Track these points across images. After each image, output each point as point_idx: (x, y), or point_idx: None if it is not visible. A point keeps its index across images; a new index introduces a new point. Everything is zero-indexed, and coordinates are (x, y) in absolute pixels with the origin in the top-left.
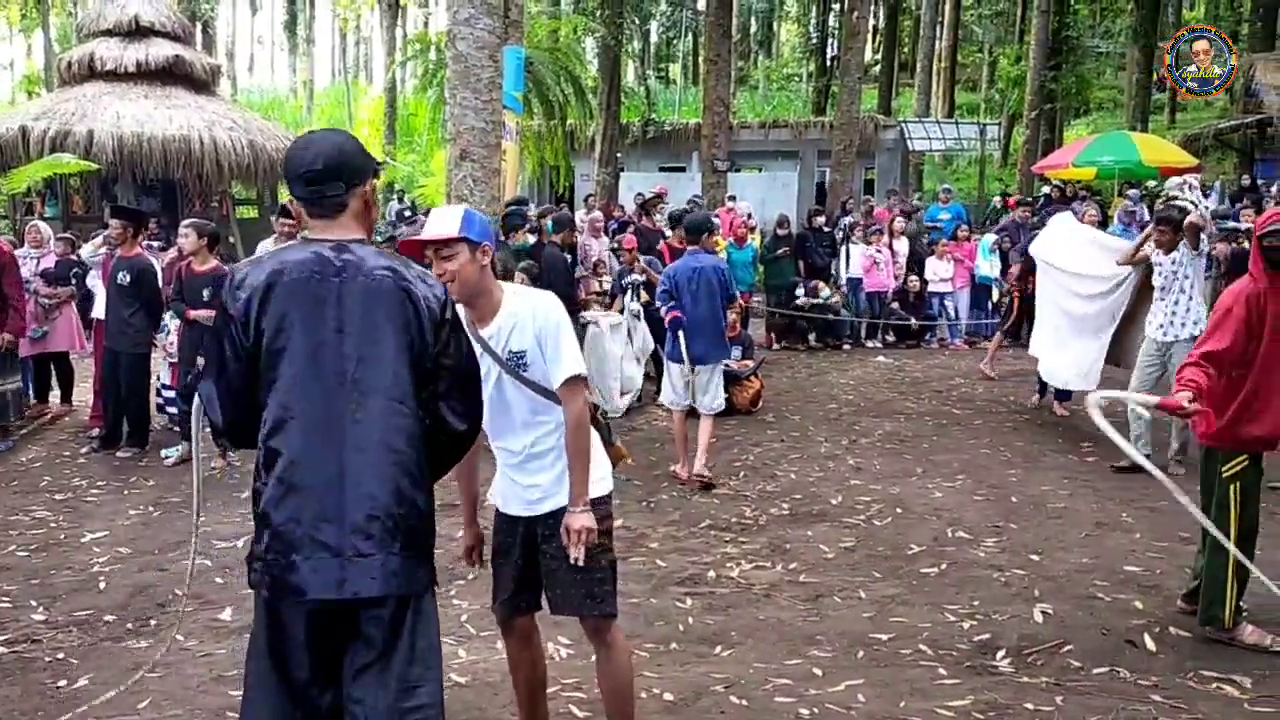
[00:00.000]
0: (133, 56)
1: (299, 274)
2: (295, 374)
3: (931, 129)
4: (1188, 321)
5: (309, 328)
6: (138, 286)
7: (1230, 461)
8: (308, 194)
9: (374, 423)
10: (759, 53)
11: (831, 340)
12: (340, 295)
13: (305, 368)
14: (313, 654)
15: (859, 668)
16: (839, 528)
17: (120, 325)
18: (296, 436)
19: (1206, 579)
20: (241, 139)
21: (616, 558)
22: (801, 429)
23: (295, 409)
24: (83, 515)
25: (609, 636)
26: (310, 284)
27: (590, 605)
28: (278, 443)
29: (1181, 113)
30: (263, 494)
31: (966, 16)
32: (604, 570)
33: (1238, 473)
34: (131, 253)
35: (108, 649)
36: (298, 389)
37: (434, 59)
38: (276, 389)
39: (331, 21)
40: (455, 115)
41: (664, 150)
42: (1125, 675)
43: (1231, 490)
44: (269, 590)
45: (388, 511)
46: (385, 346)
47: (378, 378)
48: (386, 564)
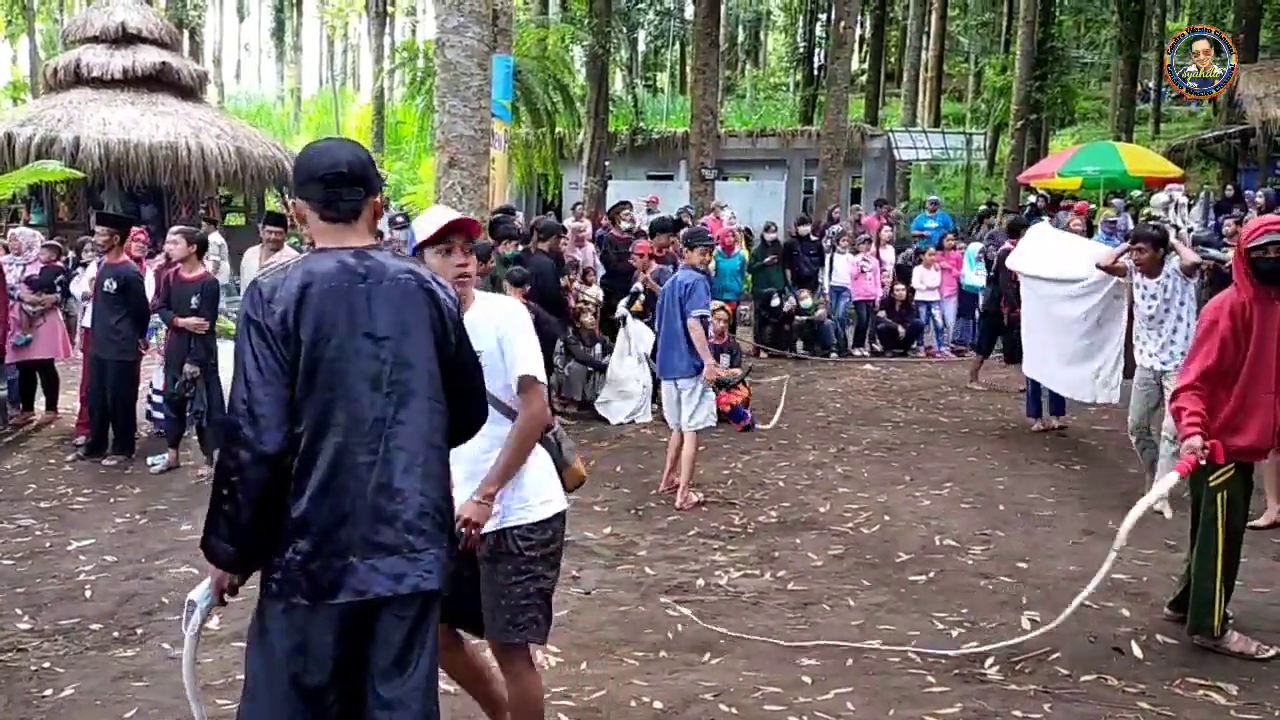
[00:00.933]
0: (119, 63)
1: (329, 282)
2: (335, 380)
3: (918, 138)
4: (1178, 348)
5: (345, 334)
6: (124, 294)
7: (1216, 471)
8: (326, 196)
9: (416, 422)
10: (746, 62)
11: (819, 349)
12: (370, 300)
13: (345, 374)
14: (336, 660)
15: (848, 676)
16: (827, 536)
17: (107, 333)
18: (339, 441)
19: (1195, 588)
20: (229, 146)
21: (551, 587)
22: (789, 437)
23: (337, 415)
24: (69, 523)
25: (517, 667)
26: (341, 291)
27: (511, 632)
28: (317, 449)
29: (1166, 123)
30: (297, 502)
31: (952, 27)
32: (531, 597)
33: (1224, 482)
34: (118, 260)
35: (94, 658)
36: (339, 395)
37: (422, 67)
38: (314, 397)
39: (319, 29)
40: (444, 123)
41: (652, 159)
42: (1112, 682)
43: (1219, 499)
44: (309, 595)
45: (437, 507)
46: (419, 347)
47: (416, 379)
48: (439, 558)
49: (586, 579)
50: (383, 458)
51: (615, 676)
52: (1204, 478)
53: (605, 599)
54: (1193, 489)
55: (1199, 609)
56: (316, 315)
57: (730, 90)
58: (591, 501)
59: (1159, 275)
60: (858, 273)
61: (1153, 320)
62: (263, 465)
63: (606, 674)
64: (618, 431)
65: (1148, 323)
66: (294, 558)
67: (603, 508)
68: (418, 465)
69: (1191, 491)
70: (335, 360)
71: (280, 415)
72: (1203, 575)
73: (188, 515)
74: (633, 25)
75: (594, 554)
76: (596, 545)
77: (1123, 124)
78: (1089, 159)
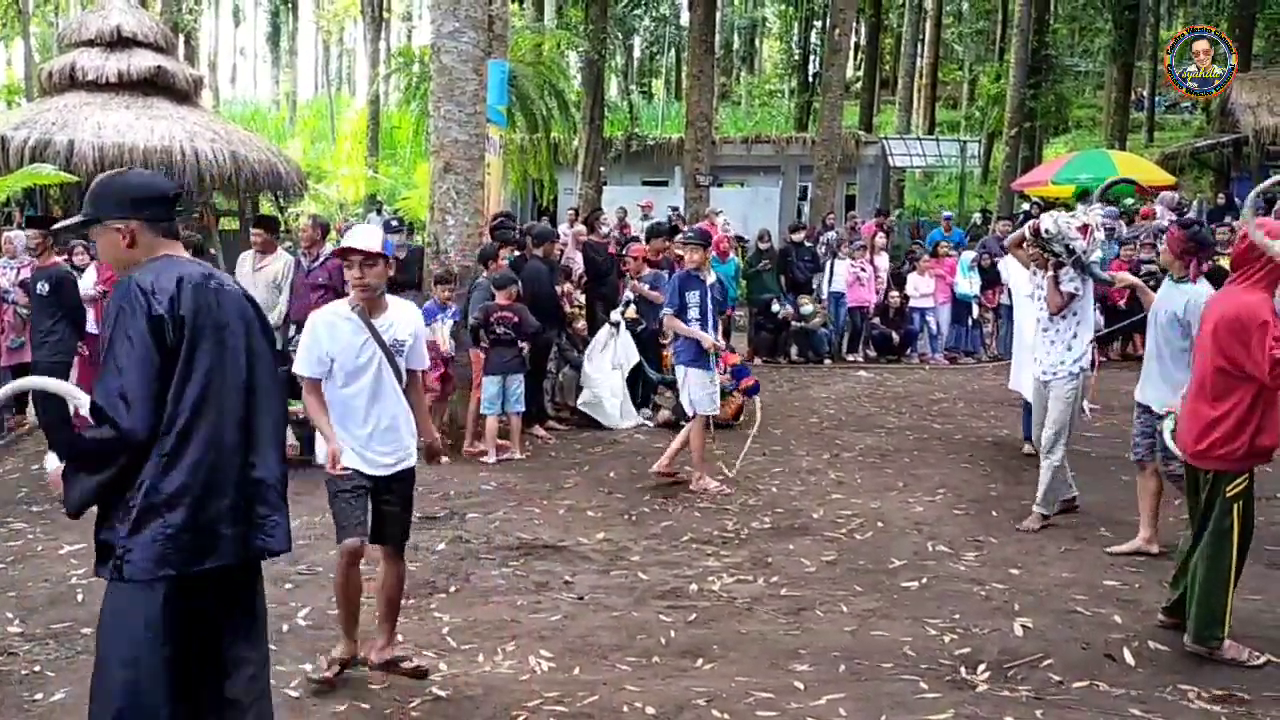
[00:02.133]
0: (114, 67)
1: (194, 280)
2: (211, 365)
3: (912, 145)
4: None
5: (214, 325)
6: (57, 295)
7: (1236, 480)
8: (169, 214)
9: (268, 405)
10: (741, 68)
11: (813, 354)
12: (219, 298)
13: (219, 359)
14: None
15: (840, 681)
16: (820, 541)
17: (42, 335)
18: (214, 420)
19: (1203, 599)
20: (224, 150)
21: None
22: (783, 443)
23: (211, 397)
24: (61, 527)
25: (401, 558)
26: (205, 289)
27: (403, 538)
28: (193, 427)
29: (1159, 131)
30: (170, 476)
31: (947, 34)
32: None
33: (1240, 491)
34: (49, 262)
35: (85, 662)
36: (215, 379)
37: (417, 72)
38: (193, 380)
39: (314, 34)
40: (439, 128)
41: (647, 164)
42: (1105, 689)
43: (1235, 509)
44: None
45: (280, 479)
46: (261, 342)
47: (262, 367)
48: (283, 523)
49: (580, 584)
50: (247, 435)
51: (608, 682)
52: (1220, 487)
53: (598, 604)
54: (1208, 500)
55: (1207, 620)
56: (193, 305)
57: (725, 96)
58: (585, 507)
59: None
60: (854, 280)
61: (1039, 323)
62: (127, 447)
63: (599, 679)
64: (611, 437)
65: (1037, 327)
66: (165, 531)
67: (596, 513)
68: (272, 442)
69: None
70: (209, 347)
71: (151, 403)
72: (1215, 586)
73: None
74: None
75: (587, 559)
76: (590, 550)
77: (1116, 132)
78: (1083, 167)
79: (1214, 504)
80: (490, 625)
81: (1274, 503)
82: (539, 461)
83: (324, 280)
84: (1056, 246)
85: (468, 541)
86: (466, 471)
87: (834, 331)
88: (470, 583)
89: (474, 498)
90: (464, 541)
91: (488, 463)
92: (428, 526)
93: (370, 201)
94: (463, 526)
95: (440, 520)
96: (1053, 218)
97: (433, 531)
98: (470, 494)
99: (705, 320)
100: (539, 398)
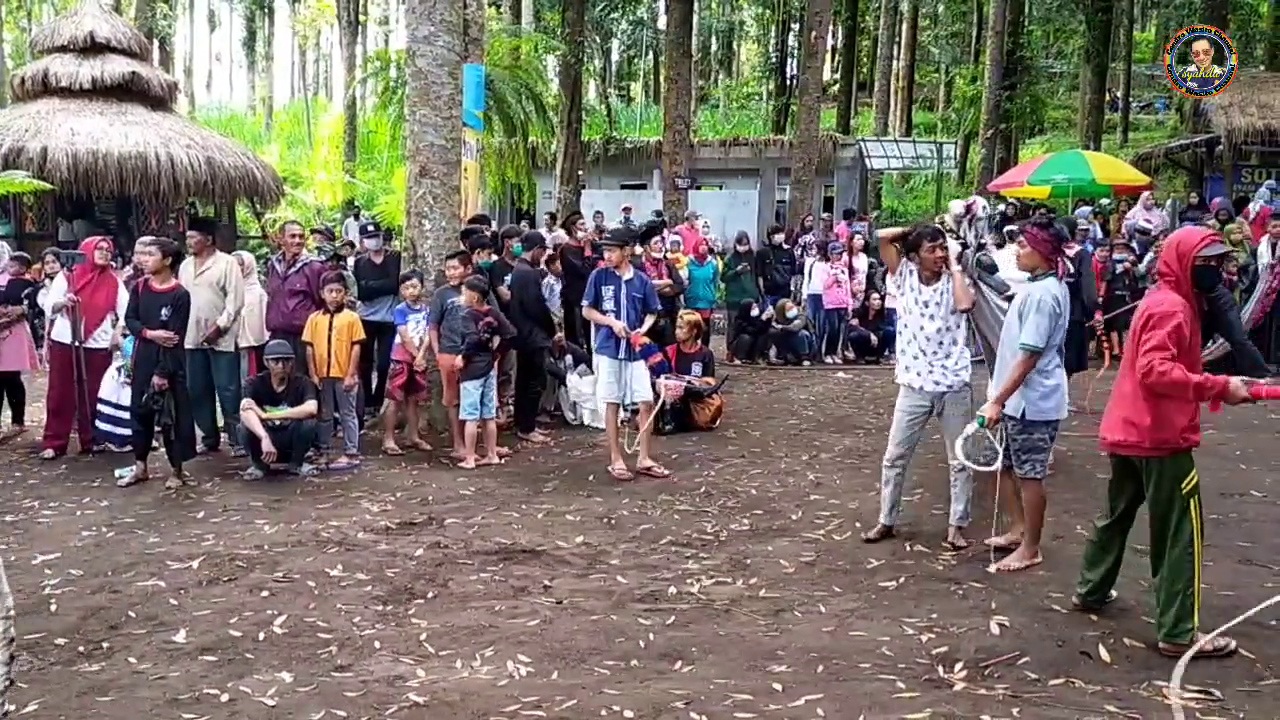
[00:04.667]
0: (88, 73)
1: None
2: None
3: (889, 148)
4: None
5: None
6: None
7: (1187, 476)
8: None
9: None
10: (719, 72)
11: (792, 356)
12: None
13: None
14: None
15: (818, 682)
16: (799, 543)
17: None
18: None
19: (1170, 598)
20: (199, 156)
21: None
22: (762, 445)
23: None
24: (34, 537)
25: None
26: None
27: None
28: None
29: (1134, 131)
30: None
31: (923, 37)
32: None
33: (1194, 487)
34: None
35: (58, 673)
36: None
37: (394, 76)
38: None
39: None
40: (415, 133)
41: (625, 168)
42: (1080, 685)
43: (1192, 505)
44: None
45: None
46: None
47: None
48: None
49: (558, 588)
50: None
51: (587, 686)
52: (1177, 486)
53: (577, 608)
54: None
55: (1180, 617)
56: None
57: (703, 100)
58: (564, 511)
59: (937, 283)
60: (832, 282)
61: (926, 334)
62: None
63: (578, 684)
64: (591, 440)
65: (922, 338)
66: None
67: (575, 516)
68: None
69: (1154, 500)
70: None
71: None
72: (1181, 583)
73: (155, 528)
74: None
75: (566, 563)
76: (568, 554)
77: (1091, 133)
78: (1058, 167)
79: (1169, 502)
80: (468, 631)
81: (1247, 499)
82: (518, 466)
83: (301, 287)
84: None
85: (446, 547)
86: (445, 476)
87: (813, 334)
88: (448, 588)
89: (452, 503)
90: (442, 547)
91: (466, 468)
92: (405, 532)
93: (348, 207)
94: (441, 532)
95: (418, 525)
96: (982, 204)
97: (411, 537)
98: (449, 499)
99: (620, 312)
100: (534, 405)
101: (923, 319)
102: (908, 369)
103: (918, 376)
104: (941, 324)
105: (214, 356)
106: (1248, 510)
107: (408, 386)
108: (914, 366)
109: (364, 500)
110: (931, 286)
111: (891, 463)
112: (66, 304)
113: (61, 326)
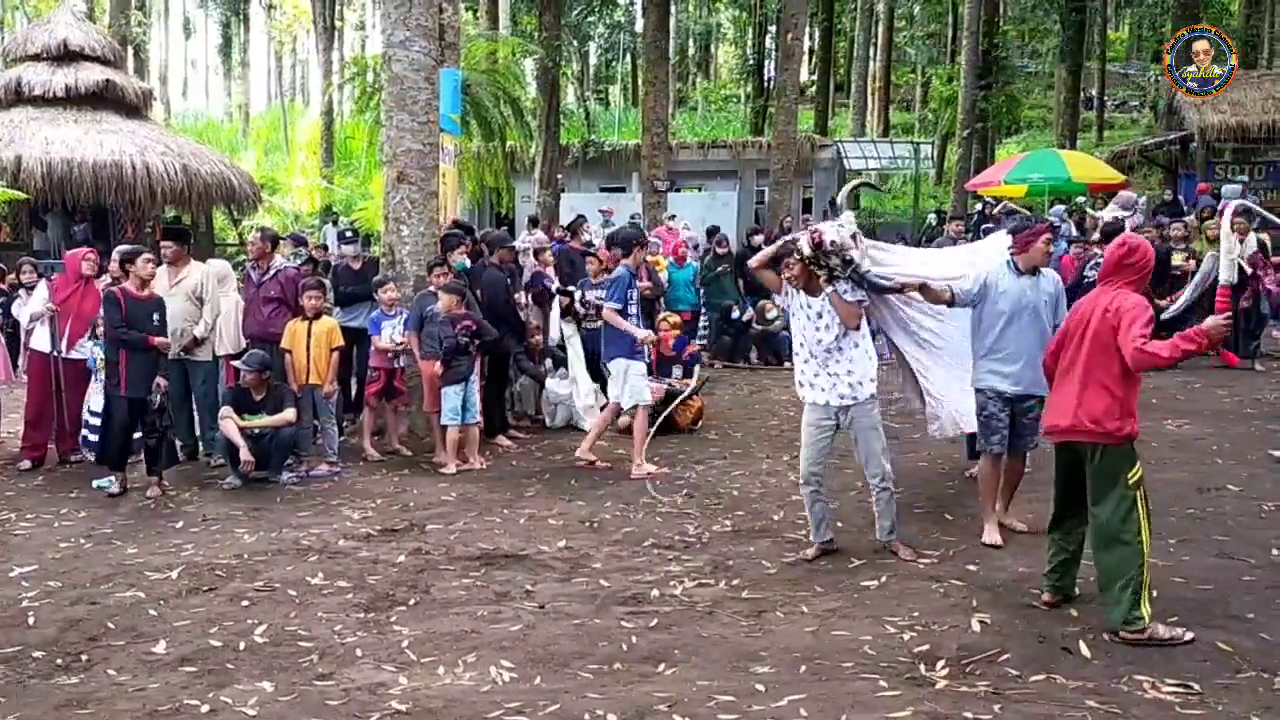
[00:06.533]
0: (61, 81)
1: None
2: None
3: (867, 148)
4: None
5: None
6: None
7: (1133, 468)
8: None
9: None
10: (697, 74)
11: (773, 357)
12: None
13: None
14: None
15: (801, 683)
16: (781, 543)
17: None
18: None
19: (1123, 583)
20: (175, 164)
21: None
22: (744, 445)
23: None
24: (11, 548)
25: None
26: None
27: None
28: None
29: (1109, 130)
30: None
31: (899, 38)
32: None
33: (1140, 477)
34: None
35: (36, 686)
36: None
37: (371, 81)
38: None
39: (267, 45)
40: (392, 138)
41: (604, 171)
42: (1061, 681)
43: (1138, 495)
44: None
45: None
46: None
47: None
48: None
49: (541, 593)
50: None
51: (570, 690)
52: (1124, 478)
53: (559, 612)
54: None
55: (1132, 603)
56: None
57: (682, 102)
58: (546, 515)
59: (821, 294)
60: None
61: (825, 346)
62: None
63: (561, 688)
64: (571, 444)
65: (819, 350)
66: None
67: (557, 520)
68: None
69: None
70: None
71: None
72: (1131, 569)
73: (133, 539)
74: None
75: (548, 567)
76: (551, 559)
77: (1067, 131)
78: (1034, 166)
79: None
80: (451, 637)
81: (1223, 494)
82: (499, 471)
83: (276, 294)
84: (834, 260)
85: (428, 553)
86: (426, 482)
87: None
88: (430, 594)
89: (434, 508)
90: (424, 553)
91: (448, 473)
92: (387, 539)
93: (326, 213)
94: (423, 538)
95: (400, 532)
96: (834, 228)
97: (392, 544)
98: (430, 505)
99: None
100: (500, 408)
101: (819, 331)
102: (812, 385)
103: (822, 392)
104: (839, 330)
105: (191, 366)
106: (1224, 505)
107: (385, 392)
108: (815, 382)
109: (344, 507)
110: (819, 297)
111: (807, 480)
112: (45, 313)
113: (41, 336)
